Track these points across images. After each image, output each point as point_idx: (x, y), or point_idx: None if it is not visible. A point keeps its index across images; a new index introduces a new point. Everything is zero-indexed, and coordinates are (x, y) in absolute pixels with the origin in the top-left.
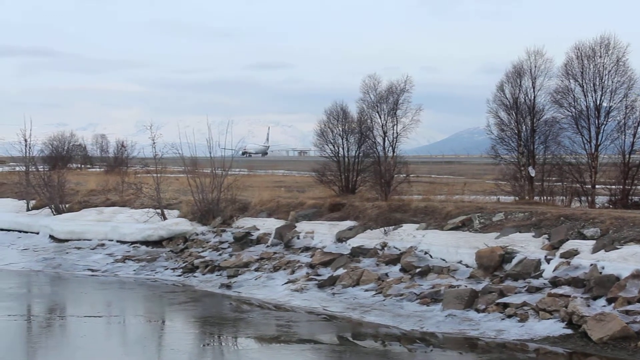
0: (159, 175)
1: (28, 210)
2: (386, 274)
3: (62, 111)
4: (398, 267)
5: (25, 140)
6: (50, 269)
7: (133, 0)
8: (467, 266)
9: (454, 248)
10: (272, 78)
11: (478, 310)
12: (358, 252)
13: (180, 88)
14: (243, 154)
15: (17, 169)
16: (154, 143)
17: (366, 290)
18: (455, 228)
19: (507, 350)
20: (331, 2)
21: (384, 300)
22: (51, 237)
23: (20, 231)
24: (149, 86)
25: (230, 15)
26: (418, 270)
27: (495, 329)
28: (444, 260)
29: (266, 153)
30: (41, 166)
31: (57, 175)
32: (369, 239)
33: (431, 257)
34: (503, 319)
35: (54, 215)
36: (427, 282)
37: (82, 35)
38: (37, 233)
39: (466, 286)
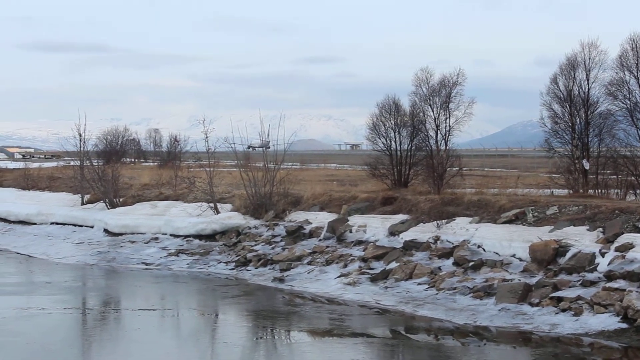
0: (212, 169)
1: (83, 204)
2: (439, 268)
3: (116, 106)
4: (451, 260)
5: (80, 135)
6: (104, 262)
7: None
8: (521, 260)
9: (507, 242)
10: (324, 72)
11: (532, 304)
12: (411, 246)
13: (233, 82)
14: (248, 147)
15: (72, 163)
16: (206, 137)
17: (419, 284)
18: (509, 221)
19: (561, 344)
20: None
21: (436, 294)
22: (105, 230)
23: (75, 225)
24: (202, 81)
25: (284, 9)
26: (471, 264)
27: (549, 323)
28: (497, 253)
29: (268, 147)
30: (95, 161)
31: (111, 169)
32: (422, 232)
33: (484, 250)
34: (557, 313)
35: (108, 209)
36: (480, 276)
37: (135, 31)
38: (92, 227)
39: (519, 280)
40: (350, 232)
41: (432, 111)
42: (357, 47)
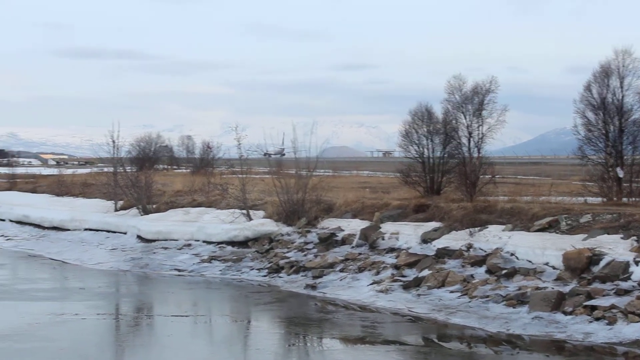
0: (244, 176)
1: (116, 210)
2: (472, 276)
3: (149, 113)
4: (484, 268)
5: (113, 142)
6: (137, 268)
7: (218, 2)
8: (554, 268)
9: (541, 250)
10: (357, 78)
11: (565, 313)
12: (443, 254)
13: (266, 89)
14: (265, 154)
15: (105, 170)
16: (239, 144)
17: (451, 292)
18: (542, 229)
19: (595, 353)
20: (415, 2)
21: (469, 301)
22: (138, 237)
23: (108, 231)
24: (234, 87)
25: (316, 16)
26: (504, 271)
27: (583, 332)
28: (530, 261)
29: (283, 154)
30: (129, 167)
31: (144, 176)
32: (454, 240)
33: (517, 258)
34: (591, 322)
35: (141, 215)
36: (513, 284)
37: (168, 37)
38: (125, 233)
39: (553, 288)
40: (383, 239)
41: (465, 118)
42: (391, 54)
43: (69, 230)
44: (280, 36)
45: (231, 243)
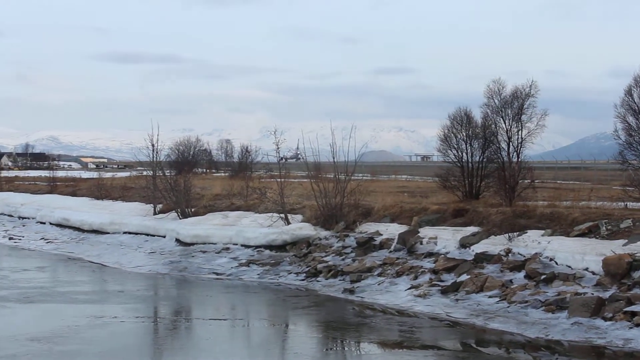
0: (282, 180)
1: (155, 214)
2: (510, 281)
3: (188, 117)
4: (522, 273)
5: (153, 145)
6: (176, 272)
7: (257, 7)
8: (594, 273)
9: (580, 255)
10: (395, 83)
11: (605, 319)
12: (482, 258)
13: (304, 93)
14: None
15: (145, 173)
16: (277, 148)
17: (490, 297)
18: (582, 235)
19: (635, 359)
20: (455, 7)
21: (508, 307)
22: (177, 240)
23: (147, 234)
24: (273, 92)
25: (356, 20)
26: (543, 277)
27: (623, 338)
28: (569, 267)
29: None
30: (168, 171)
31: (183, 179)
32: (493, 245)
33: (556, 264)
34: (631, 328)
35: (180, 219)
36: (552, 290)
37: (207, 41)
38: (164, 236)
39: (592, 294)
40: (421, 243)
41: (504, 123)
42: (430, 59)
43: (108, 233)
44: (321, 40)
45: (269, 247)
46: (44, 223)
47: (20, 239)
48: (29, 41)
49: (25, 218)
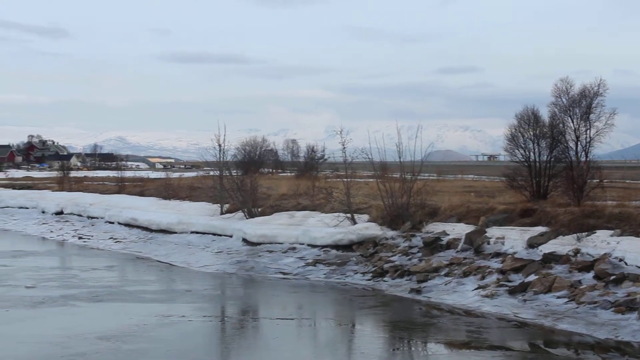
0: (349, 179)
1: (222, 214)
2: (579, 281)
3: (254, 117)
4: (591, 274)
5: (219, 145)
6: (243, 271)
7: (319, 7)
8: None
9: None
10: (461, 82)
11: None
12: (550, 258)
13: (369, 93)
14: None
15: (212, 173)
16: (343, 148)
17: (558, 297)
18: None
19: None
20: (521, 5)
21: (576, 307)
22: (244, 240)
23: (214, 234)
24: (338, 92)
25: (421, 19)
26: (612, 277)
27: None
28: (639, 267)
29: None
30: (234, 171)
31: (249, 179)
32: (561, 245)
33: (626, 264)
34: None
35: (247, 219)
36: (622, 290)
37: (270, 42)
38: (231, 236)
39: None
40: (488, 243)
41: (572, 122)
42: (495, 57)
43: (175, 233)
44: (383, 40)
45: (335, 247)
46: (113, 223)
47: (89, 239)
48: (95, 43)
49: (94, 218)
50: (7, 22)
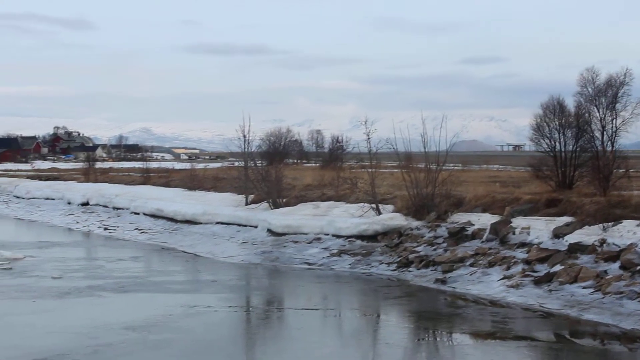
0: (373, 170)
1: (247, 204)
2: (605, 271)
3: (278, 107)
4: (617, 264)
5: (244, 136)
6: (268, 262)
7: None
8: None
9: None
10: (486, 72)
11: None
12: (575, 249)
13: (394, 83)
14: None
15: (236, 164)
16: (368, 138)
17: (584, 288)
18: None
19: None
20: None
21: (602, 298)
22: (269, 230)
23: (239, 225)
24: (363, 82)
25: (443, 9)
26: (639, 267)
27: None
28: None
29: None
30: (259, 161)
31: (274, 170)
32: (587, 235)
33: None
34: None
35: (272, 209)
36: None
37: (295, 32)
38: (256, 227)
39: None
40: (513, 234)
41: (598, 112)
42: (520, 46)
43: (201, 223)
44: (407, 30)
45: (360, 237)
46: (138, 214)
47: (115, 230)
48: (121, 34)
49: (119, 209)
50: (35, 14)
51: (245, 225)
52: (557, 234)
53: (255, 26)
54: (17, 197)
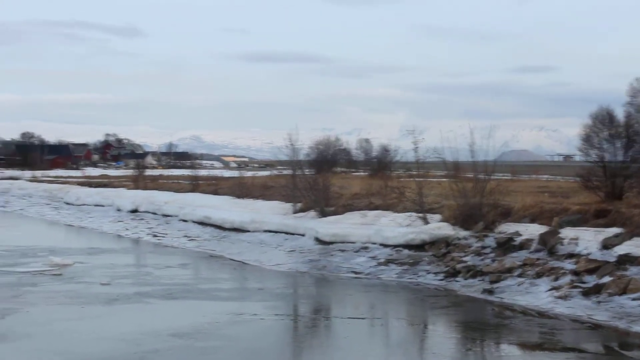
0: (421, 179)
1: (294, 212)
2: None
3: (327, 116)
4: None
5: (293, 145)
6: (315, 270)
7: (391, 5)
8: None
9: None
10: (536, 81)
11: None
12: (625, 260)
13: (444, 92)
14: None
15: (285, 172)
16: (416, 147)
17: (633, 299)
18: None
19: None
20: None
21: None
22: (316, 239)
23: (287, 233)
24: (413, 91)
25: (497, 18)
26: None
27: None
28: None
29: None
30: (307, 170)
31: (322, 178)
32: (636, 246)
33: None
34: None
35: (319, 218)
36: None
37: (345, 41)
38: (303, 235)
39: None
40: (562, 244)
41: None
42: (571, 55)
43: (248, 231)
44: (456, 39)
45: (407, 246)
46: (186, 221)
47: (163, 237)
48: (171, 42)
49: (168, 216)
50: (86, 22)
51: (293, 234)
52: (606, 245)
53: (305, 34)
54: (68, 204)
